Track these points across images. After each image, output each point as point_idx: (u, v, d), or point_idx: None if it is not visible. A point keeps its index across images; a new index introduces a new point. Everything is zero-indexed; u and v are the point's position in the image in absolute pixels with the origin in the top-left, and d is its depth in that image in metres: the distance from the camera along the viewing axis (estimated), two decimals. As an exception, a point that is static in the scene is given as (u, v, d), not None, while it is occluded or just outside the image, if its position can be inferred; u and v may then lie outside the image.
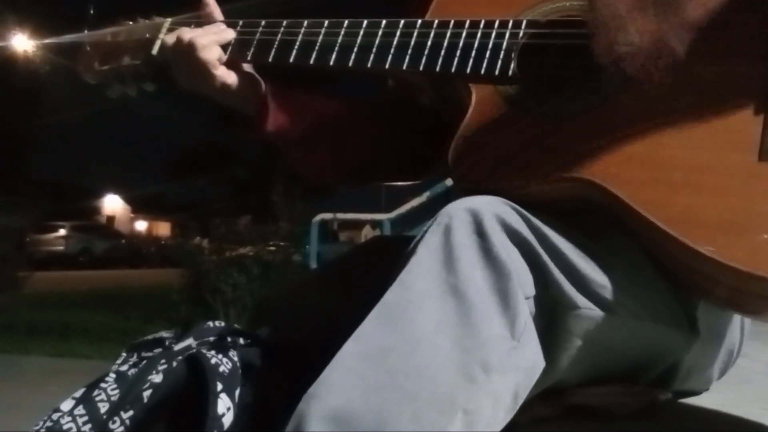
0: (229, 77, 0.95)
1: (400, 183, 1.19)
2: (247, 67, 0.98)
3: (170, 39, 0.97)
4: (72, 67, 1.03)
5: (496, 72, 0.82)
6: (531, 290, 0.66)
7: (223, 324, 0.87)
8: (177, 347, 0.81)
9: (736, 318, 0.90)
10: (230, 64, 0.96)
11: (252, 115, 0.99)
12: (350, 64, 0.90)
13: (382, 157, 1.07)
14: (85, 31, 1.03)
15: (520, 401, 0.65)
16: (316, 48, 0.92)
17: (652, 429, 0.86)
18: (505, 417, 0.64)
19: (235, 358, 0.78)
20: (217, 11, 1.00)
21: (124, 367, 0.80)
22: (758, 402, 1.09)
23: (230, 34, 0.96)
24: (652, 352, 0.80)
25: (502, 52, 0.83)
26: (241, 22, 0.97)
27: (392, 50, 0.88)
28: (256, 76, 0.99)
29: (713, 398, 0.98)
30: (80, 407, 0.75)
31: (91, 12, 1.05)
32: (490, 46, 0.84)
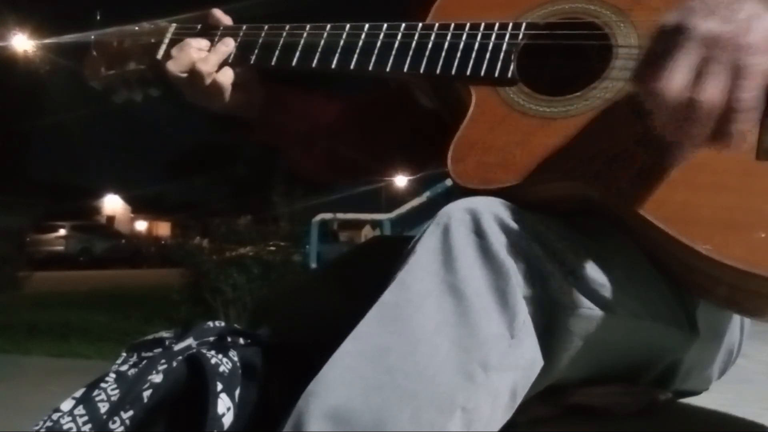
0: (236, 93, 0.96)
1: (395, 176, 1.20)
2: (247, 71, 0.98)
3: (180, 66, 0.94)
4: (79, 73, 1.03)
5: (496, 74, 0.82)
6: (529, 289, 0.66)
7: (223, 324, 0.87)
8: (177, 347, 0.81)
9: (736, 318, 0.90)
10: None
11: (251, 119, 0.99)
12: (352, 66, 0.90)
13: (380, 156, 1.08)
14: (92, 36, 1.03)
15: (519, 400, 0.65)
16: (319, 51, 0.92)
17: (652, 429, 0.86)
18: (504, 415, 0.64)
19: (235, 358, 0.78)
20: (224, 18, 1.00)
21: (124, 367, 0.80)
22: (758, 402, 1.10)
23: (230, 45, 0.96)
24: (652, 352, 0.80)
25: (502, 54, 0.83)
26: (244, 27, 0.98)
27: (393, 53, 0.89)
28: (255, 80, 1.00)
29: (713, 398, 0.98)
30: (80, 407, 0.75)
31: (98, 18, 1.05)
32: (490, 48, 0.84)
